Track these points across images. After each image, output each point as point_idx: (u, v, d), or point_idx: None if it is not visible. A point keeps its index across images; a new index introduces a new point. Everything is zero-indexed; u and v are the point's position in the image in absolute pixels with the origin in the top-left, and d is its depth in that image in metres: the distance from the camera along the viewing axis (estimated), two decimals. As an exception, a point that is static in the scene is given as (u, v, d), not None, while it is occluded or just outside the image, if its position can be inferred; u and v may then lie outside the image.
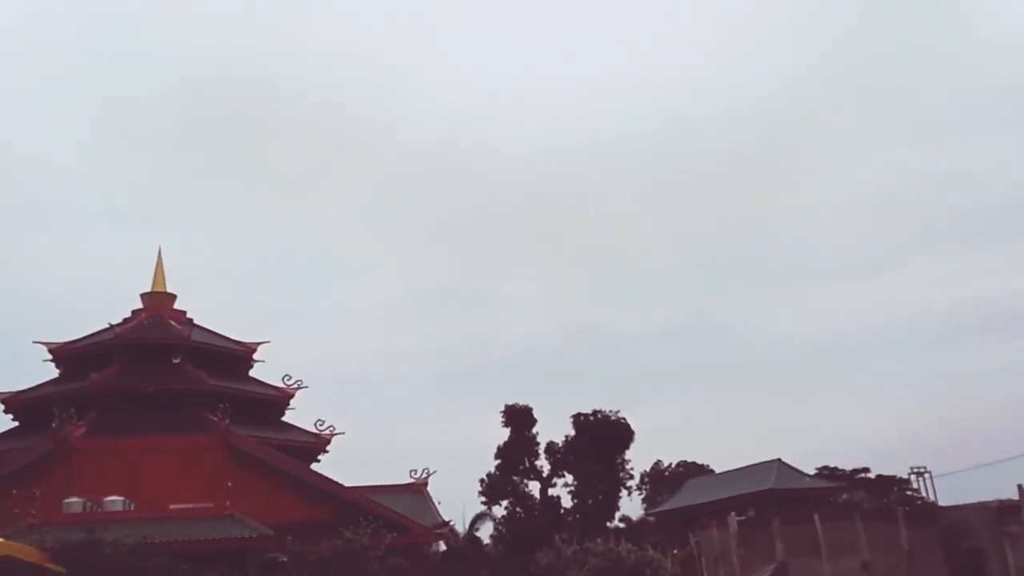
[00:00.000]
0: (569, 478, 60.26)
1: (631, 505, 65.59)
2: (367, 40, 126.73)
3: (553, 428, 61.76)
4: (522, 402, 60.87)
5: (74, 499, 33.76)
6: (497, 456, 60.00)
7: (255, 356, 47.22)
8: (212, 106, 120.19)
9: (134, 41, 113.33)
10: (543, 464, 60.45)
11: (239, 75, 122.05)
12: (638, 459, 64.45)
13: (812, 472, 59.95)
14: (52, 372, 44.93)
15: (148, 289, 47.08)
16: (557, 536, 41.00)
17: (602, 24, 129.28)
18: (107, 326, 44.15)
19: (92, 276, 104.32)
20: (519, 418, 60.30)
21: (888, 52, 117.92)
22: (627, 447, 60.64)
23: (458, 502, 53.79)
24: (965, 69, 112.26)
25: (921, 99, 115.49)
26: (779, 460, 56.59)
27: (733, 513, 48.69)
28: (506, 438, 60.21)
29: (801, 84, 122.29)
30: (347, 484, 39.92)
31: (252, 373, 47.12)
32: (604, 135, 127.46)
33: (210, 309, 77.39)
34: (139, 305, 46.78)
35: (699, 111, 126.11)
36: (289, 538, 32.25)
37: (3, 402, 42.77)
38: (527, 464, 60.14)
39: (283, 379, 45.62)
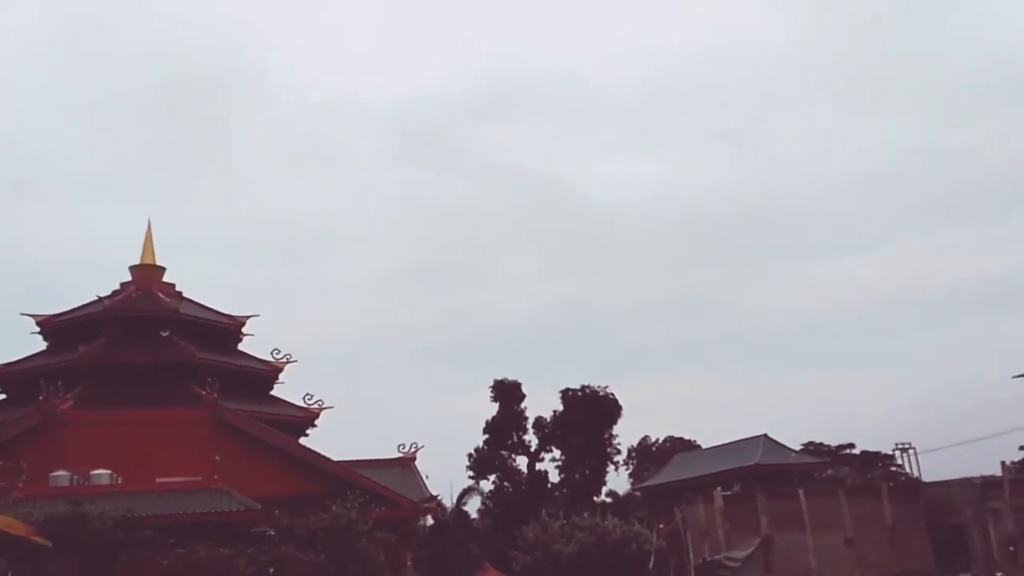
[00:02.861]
0: (557, 453, 60.68)
1: (618, 480, 66.23)
2: (351, 13, 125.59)
3: (541, 403, 62.21)
4: (511, 377, 61.15)
5: (61, 472, 33.68)
6: (485, 431, 60.29)
7: (244, 330, 46.98)
8: (198, 80, 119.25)
9: (120, 17, 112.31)
10: (531, 439, 60.80)
11: (224, 50, 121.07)
12: (625, 434, 64.99)
13: (798, 448, 60.41)
14: (40, 344, 44.72)
15: (137, 262, 46.80)
16: (544, 510, 41.23)
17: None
18: (95, 298, 43.91)
19: (81, 249, 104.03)
20: (507, 393, 60.52)
21: (882, 29, 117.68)
22: (615, 422, 61.02)
23: (446, 477, 54.13)
24: (960, 46, 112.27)
25: (916, 76, 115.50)
26: (765, 436, 56.98)
27: (719, 488, 49.22)
28: (494, 413, 60.46)
29: (794, 60, 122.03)
30: (335, 458, 39.92)
31: (241, 347, 46.97)
32: (592, 111, 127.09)
33: (199, 282, 77.31)
34: (128, 278, 46.51)
35: (688, 85, 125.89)
36: (277, 512, 32.27)
37: (-10, 374, 42.59)
38: (515, 439, 60.45)
39: (272, 353, 45.48)
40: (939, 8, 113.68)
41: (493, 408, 60.66)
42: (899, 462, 56.64)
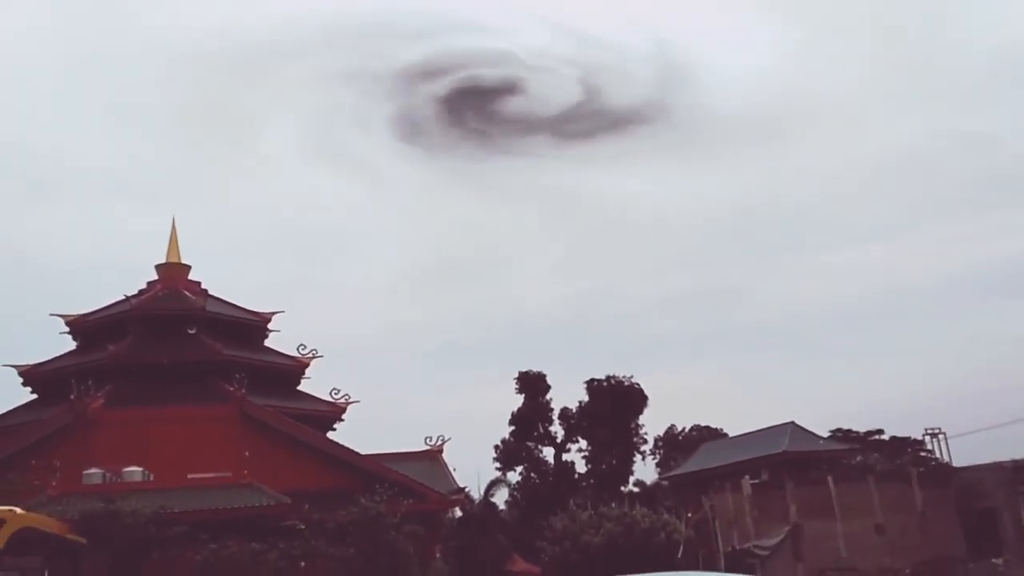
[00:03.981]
0: (583, 443, 60.66)
1: (645, 469, 66.05)
2: None
3: (567, 394, 61.98)
4: (536, 369, 61.21)
5: (93, 470, 34.12)
6: (511, 423, 60.39)
7: (270, 326, 47.36)
8: (220, 77, 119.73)
9: (137, 16, 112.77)
10: (557, 430, 60.82)
11: (244, 45, 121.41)
12: (652, 424, 64.78)
13: (826, 435, 59.99)
14: (69, 344, 45.29)
15: (162, 260, 47.23)
16: (572, 501, 41.30)
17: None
18: (123, 298, 44.40)
19: (108, 248, 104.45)
20: (533, 385, 60.59)
21: (904, 12, 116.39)
22: (641, 412, 60.91)
23: (473, 469, 54.28)
24: (983, 30, 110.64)
25: (938, 61, 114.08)
26: (793, 423, 56.63)
27: (747, 476, 49.01)
28: (520, 405, 60.55)
29: (815, 46, 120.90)
30: (363, 452, 40.20)
31: (267, 343, 47.36)
32: (610, 99, 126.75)
33: (224, 280, 77.70)
34: (154, 276, 46.98)
35: (710, 71, 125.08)
36: (306, 506, 32.57)
37: (22, 374, 43.07)
38: (541, 430, 60.51)
39: (298, 349, 45.81)
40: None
41: (518, 400, 60.78)
42: (929, 447, 56.16)
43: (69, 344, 45.27)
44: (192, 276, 47.43)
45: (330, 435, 43.59)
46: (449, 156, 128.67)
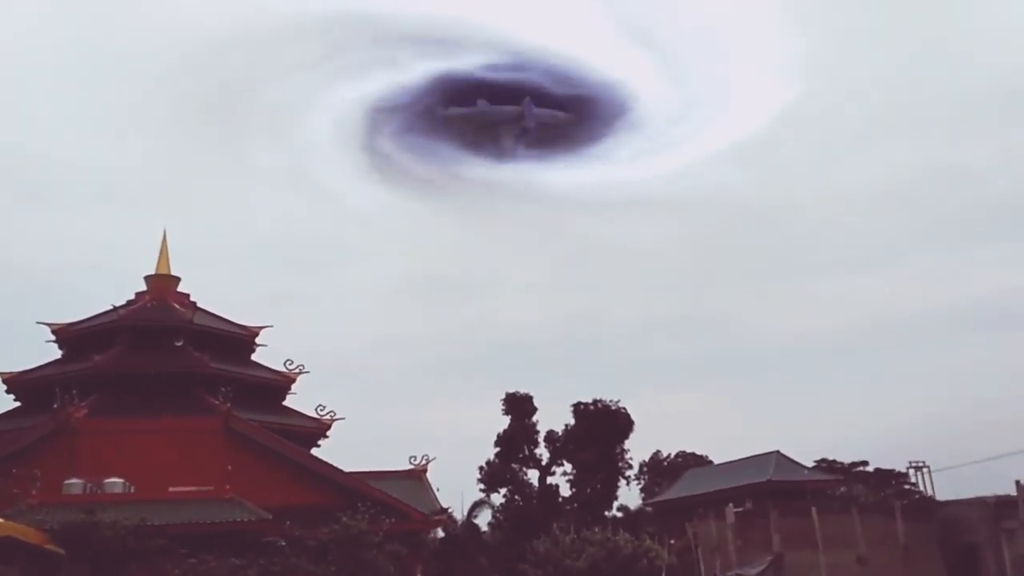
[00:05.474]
0: (568, 467, 60.54)
1: (629, 495, 65.92)
2: None
3: (553, 417, 61.93)
4: (523, 390, 61.14)
5: (74, 480, 33.87)
6: (497, 444, 60.24)
7: (257, 340, 47.24)
8: (213, 84, 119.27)
9: (133, 19, 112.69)
10: (542, 452, 60.71)
11: (238, 50, 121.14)
12: (637, 449, 64.71)
13: (811, 465, 60.08)
14: (55, 353, 45.04)
15: (152, 271, 47.09)
16: (555, 525, 41.16)
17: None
18: (110, 308, 44.24)
19: (97, 258, 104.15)
20: (519, 406, 60.49)
21: (891, 46, 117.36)
22: (627, 437, 60.83)
23: (457, 489, 53.94)
24: (970, 64, 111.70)
25: (925, 94, 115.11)
26: (778, 452, 56.73)
27: (731, 504, 49.03)
28: (506, 426, 60.42)
29: (803, 78, 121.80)
30: (346, 469, 40.01)
31: (254, 357, 47.20)
32: (602, 129, 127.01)
33: (213, 292, 77.16)
34: (143, 287, 46.82)
35: (701, 107, 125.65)
36: (288, 522, 32.40)
37: (5, 382, 42.76)
38: (526, 452, 60.38)
39: (285, 364, 45.64)
40: (953, 24, 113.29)
41: (504, 421, 60.67)
42: (913, 480, 56.33)
43: (55, 353, 45.06)
44: (181, 288, 47.28)
45: (314, 451, 43.40)
46: (441, 176, 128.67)
